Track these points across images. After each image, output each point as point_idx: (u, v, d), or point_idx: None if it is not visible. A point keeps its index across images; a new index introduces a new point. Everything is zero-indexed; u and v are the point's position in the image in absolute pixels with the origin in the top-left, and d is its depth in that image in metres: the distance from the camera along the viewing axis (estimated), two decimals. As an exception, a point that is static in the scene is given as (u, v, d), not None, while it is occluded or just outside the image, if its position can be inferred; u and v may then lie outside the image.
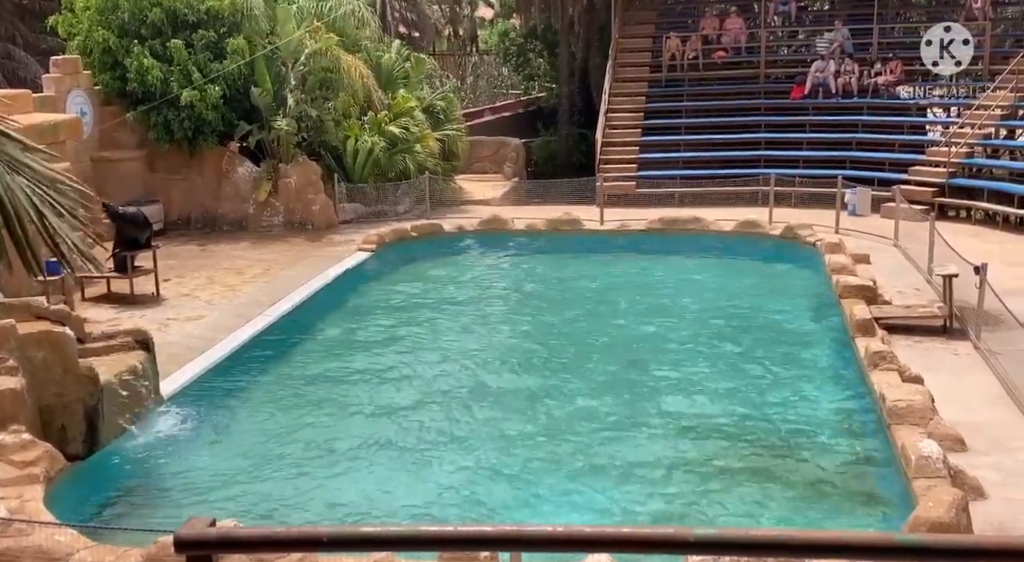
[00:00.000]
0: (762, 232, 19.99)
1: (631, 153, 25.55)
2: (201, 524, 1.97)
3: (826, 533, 1.82)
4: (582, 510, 9.28)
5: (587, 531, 1.86)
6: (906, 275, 16.79)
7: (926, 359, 12.51)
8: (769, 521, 8.91)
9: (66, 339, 10.36)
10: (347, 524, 2.06)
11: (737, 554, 1.80)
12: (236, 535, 1.95)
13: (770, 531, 1.85)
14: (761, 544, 1.79)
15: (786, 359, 13.51)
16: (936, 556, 1.71)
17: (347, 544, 1.91)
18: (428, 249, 20.17)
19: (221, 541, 1.93)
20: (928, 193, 21.67)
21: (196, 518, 1.97)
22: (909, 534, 1.77)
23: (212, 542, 1.93)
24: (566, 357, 13.95)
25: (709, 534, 1.79)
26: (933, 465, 8.90)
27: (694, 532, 1.79)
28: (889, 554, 1.74)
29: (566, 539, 1.87)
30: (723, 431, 11.05)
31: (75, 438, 10.17)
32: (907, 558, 1.72)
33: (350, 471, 10.26)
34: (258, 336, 14.50)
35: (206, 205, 22.02)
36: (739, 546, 1.80)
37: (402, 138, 23.19)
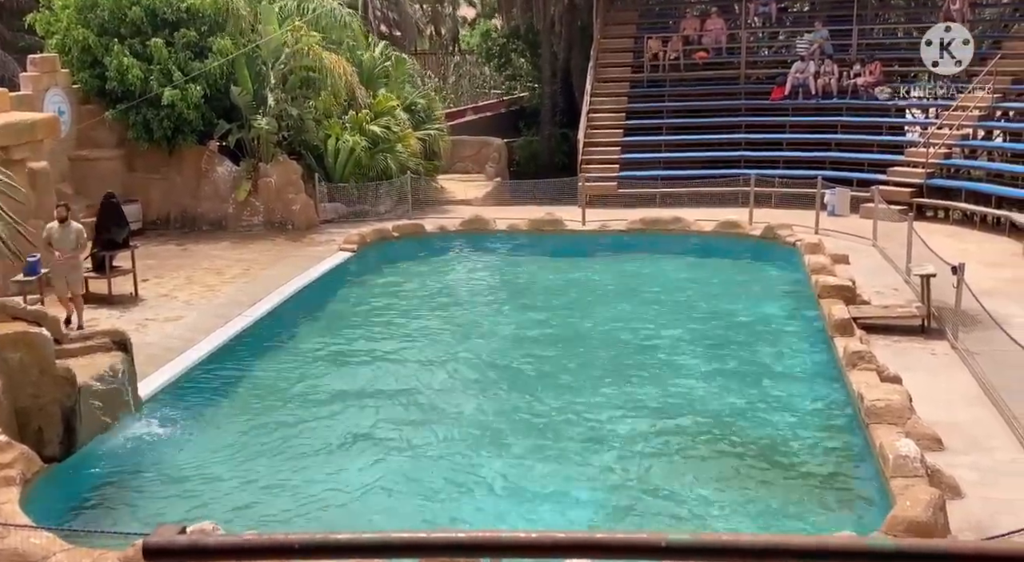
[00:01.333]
0: (742, 232, 20.07)
1: (613, 153, 25.59)
2: (170, 531, 1.95)
3: (800, 538, 1.82)
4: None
5: (559, 537, 1.85)
6: (884, 275, 16.90)
7: (904, 359, 12.59)
8: (746, 522, 8.94)
9: (43, 340, 10.27)
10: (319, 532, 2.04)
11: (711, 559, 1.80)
12: (205, 543, 1.93)
13: (743, 536, 1.85)
14: (735, 549, 1.78)
15: (765, 359, 13.56)
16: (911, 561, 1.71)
17: (319, 551, 1.89)
18: (410, 249, 20.13)
19: (190, 549, 1.91)
20: (906, 193, 21.82)
21: (165, 525, 1.95)
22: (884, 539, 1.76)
23: (180, 550, 1.91)
24: (547, 356, 13.94)
25: (682, 539, 1.79)
26: (911, 464, 8.96)
27: (667, 537, 1.78)
28: (864, 559, 1.75)
29: (539, 545, 1.86)
30: (700, 431, 11.07)
31: (52, 440, 10.09)
32: None
33: (330, 472, 10.22)
34: (237, 337, 14.42)
35: (185, 204, 21.89)
36: (712, 551, 1.79)
37: (384, 137, 23.14)
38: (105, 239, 16.11)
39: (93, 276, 16.07)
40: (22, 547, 7.68)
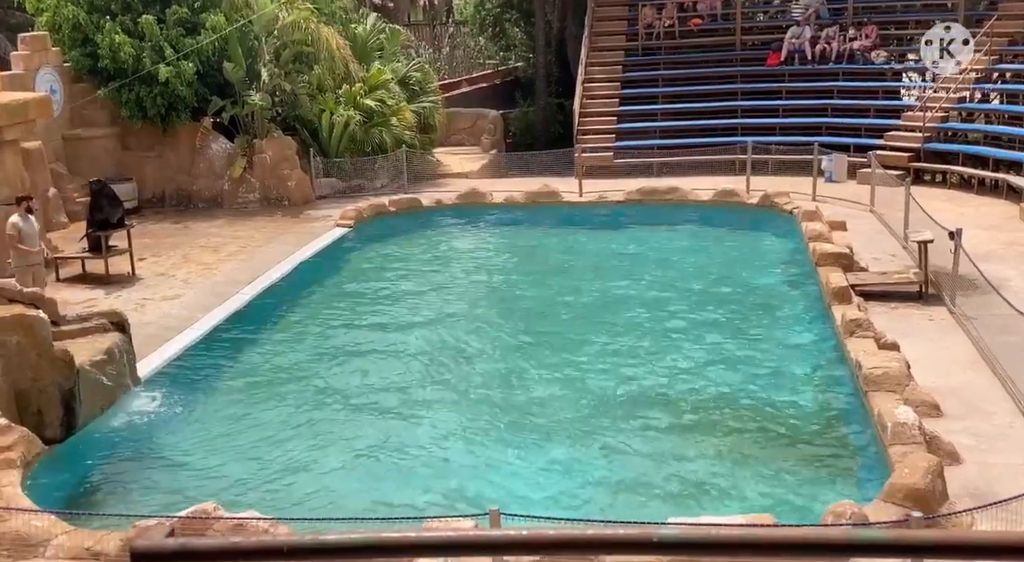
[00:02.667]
0: (739, 201, 20.01)
1: (609, 123, 25.46)
2: (158, 533, 1.94)
3: (790, 531, 1.81)
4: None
5: (551, 534, 1.85)
6: (882, 241, 16.88)
7: (902, 325, 12.60)
8: (743, 492, 8.98)
9: (40, 322, 10.27)
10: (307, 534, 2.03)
11: (702, 554, 1.80)
12: (194, 546, 1.92)
13: (734, 531, 1.85)
14: (726, 544, 1.78)
15: (762, 328, 13.57)
16: (899, 553, 1.71)
17: (307, 553, 1.89)
18: (407, 224, 20.08)
19: (178, 553, 1.91)
20: (904, 158, 21.74)
21: (153, 525, 1.94)
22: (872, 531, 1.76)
23: (169, 554, 1.90)
24: (544, 327, 13.95)
25: (672, 534, 1.78)
26: (909, 431, 8.98)
27: (657, 533, 1.78)
28: (852, 551, 1.74)
29: (530, 542, 1.85)
30: (696, 400, 11.10)
31: (52, 422, 10.11)
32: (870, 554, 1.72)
33: (330, 449, 10.25)
34: (236, 315, 14.42)
35: (180, 182, 21.80)
36: (703, 546, 1.79)
37: (378, 111, 23.00)
38: (99, 219, 16.06)
39: (89, 256, 16.05)
40: (24, 530, 7.72)
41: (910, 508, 7.52)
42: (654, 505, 8.78)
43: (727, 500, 8.78)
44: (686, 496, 8.98)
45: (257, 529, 7.46)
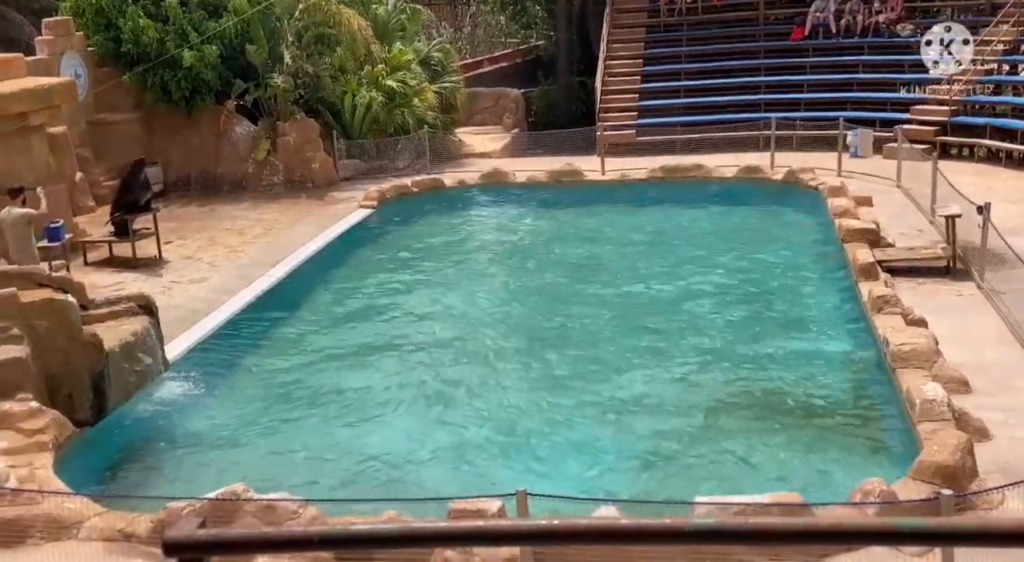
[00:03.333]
0: (764, 177, 19.85)
1: (631, 101, 25.29)
2: (190, 524, 1.95)
3: (825, 520, 1.79)
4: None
5: (583, 524, 1.84)
6: (909, 216, 16.70)
7: (930, 301, 12.48)
8: (772, 470, 8.96)
9: (69, 307, 10.35)
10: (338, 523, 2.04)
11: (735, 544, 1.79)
12: (226, 537, 1.93)
13: (768, 520, 1.83)
14: (759, 533, 1.76)
15: (788, 306, 13.49)
16: (937, 541, 1.68)
17: (339, 543, 1.89)
18: (429, 204, 20.08)
19: (211, 543, 1.92)
20: (930, 132, 21.46)
21: (185, 516, 1.96)
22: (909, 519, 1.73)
23: (201, 544, 1.91)
24: (570, 306, 13.93)
25: (706, 524, 1.77)
26: (937, 408, 8.92)
27: (691, 523, 1.76)
28: (889, 539, 1.72)
29: (562, 532, 1.85)
30: (723, 379, 11.07)
31: (82, 405, 10.21)
32: (906, 543, 1.70)
33: (361, 427, 10.31)
34: (262, 297, 14.50)
35: (205, 166, 21.88)
36: (736, 536, 1.78)
37: (400, 92, 22.94)
38: (127, 202, 16.16)
39: (115, 240, 16.17)
40: (57, 512, 7.83)
41: (939, 485, 7.47)
42: (679, 483, 8.77)
43: (753, 478, 8.76)
44: (712, 474, 8.98)
45: (286, 510, 7.52)
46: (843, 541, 1.79)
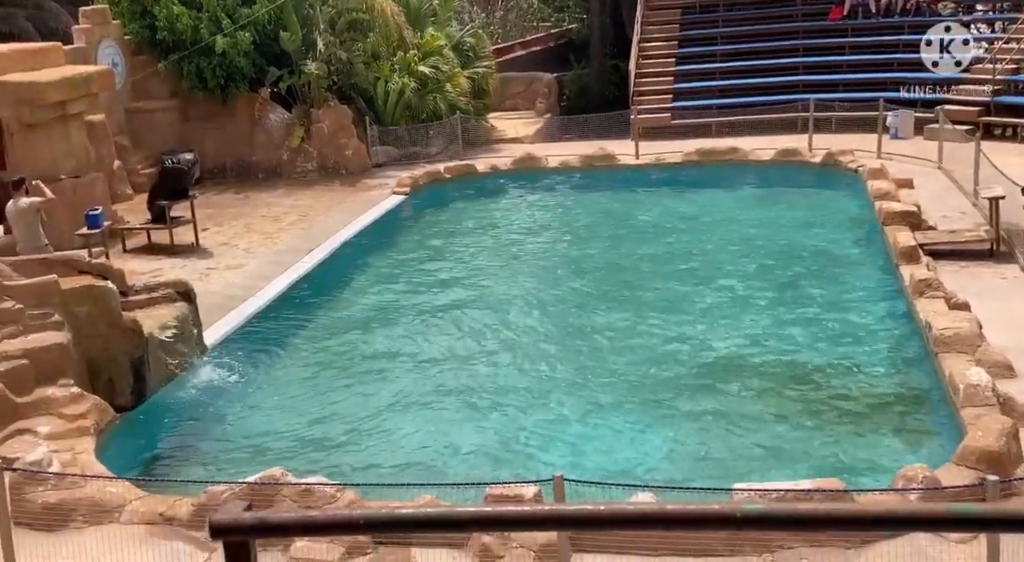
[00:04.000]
0: (802, 160, 19.62)
1: (666, 83, 25.07)
2: (236, 508, 1.95)
3: (875, 507, 1.75)
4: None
5: (629, 510, 1.81)
6: (951, 198, 16.44)
7: (973, 284, 12.29)
8: (814, 456, 8.87)
9: (109, 293, 10.48)
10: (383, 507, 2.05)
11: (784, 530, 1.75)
12: (272, 520, 1.92)
13: (817, 506, 1.79)
14: (808, 519, 1.73)
15: (828, 290, 13.33)
16: (990, 527, 1.63)
17: (383, 527, 1.88)
18: (462, 190, 20.06)
19: (256, 526, 1.91)
20: (973, 112, 21.07)
21: (231, 500, 1.95)
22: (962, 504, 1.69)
23: (247, 527, 1.91)
24: (607, 291, 13.87)
25: (755, 510, 1.73)
26: (982, 393, 8.78)
27: (741, 508, 1.73)
28: (942, 525, 1.67)
29: (608, 518, 1.82)
30: (763, 364, 10.97)
31: (123, 390, 10.34)
32: (960, 529, 1.65)
33: (398, 412, 10.34)
34: (298, 283, 14.58)
35: (240, 153, 22.01)
36: (785, 522, 1.74)
37: (432, 78, 22.91)
38: (169, 189, 16.30)
39: (154, 227, 16.33)
40: (99, 496, 7.93)
41: (984, 471, 7.35)
42: (721, 467, 8.72)
43: (795, 463, 8.68)
44: (753, 458, 8.91)
45: (324, 494, 7.56)
46: (894, 527, 1.74)
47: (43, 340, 9.68)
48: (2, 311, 9.80)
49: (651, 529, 1.87)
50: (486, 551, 7.10)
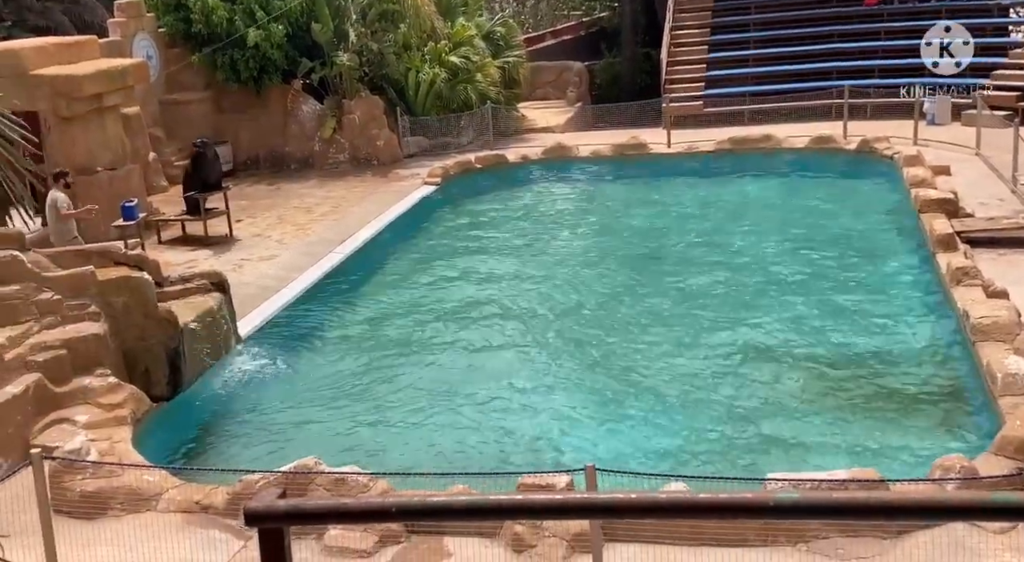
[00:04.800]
0: (836, 147, 19.41)
1: (698, 71, 24.90)
2: (270, 495, 1.96)
3: (915, 496, 1.73)
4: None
5: (661, 498, 1.80)
6: (989, 185, 16.19)
7: (1012, 272, 12.10)
8: (849, 444, 8.79)
9: (145, 284, 10.59)
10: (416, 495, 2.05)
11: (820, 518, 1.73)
12: (305, 507, 1.94)
13: (854, 494, 1.77)
14: (845, 508, 1.71)
15: (864, 278, 13.20)
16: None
17: (415, 514, 1.88)
18: (493, 180, 20.04)
19: (291, 513, 1.92)
20: (1012, 98, 20.74)
21: (265, 487, 1.96)
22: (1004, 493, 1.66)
23: (281, 515, 1.92)
24: (641, 279, 13.82)
25: (790, 499, 1.71)
26: (1020, 382, 8.67)
27: (775, 497, 1.71)
28: (982, 514, 1.65)
29: (640, 506, 1.81)
30: (798, 354, 10.89)
31: (159, 380, 10.45)
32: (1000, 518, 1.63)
33: (431, 401, 10.38)
34: (330, 274, 14.66)
35: (273, 144, 22.15)
36: (821, 510, 1.72)
37: (463, 68, 22.90)
38: (201, 178, 16.42)
39: (188, 218, 16.49)
40: (136, 484, 8.03)
41: (1022, 461, 7.26)
42: (755, 456, 8.67)
43: (831, 452, 8.62)
44: (789, 447, 8.85)
45: (357, 483, 7.61)
46: (933, 516, 1.72)
47: (81, 330, 9.81)
48: (40, 302, 9.94)
49: (683, 517, 1.86)
50: (518, 540, 7.11)
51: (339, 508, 1.93)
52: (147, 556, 7.16)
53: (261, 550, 2.19)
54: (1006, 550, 6.60)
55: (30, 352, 9.45)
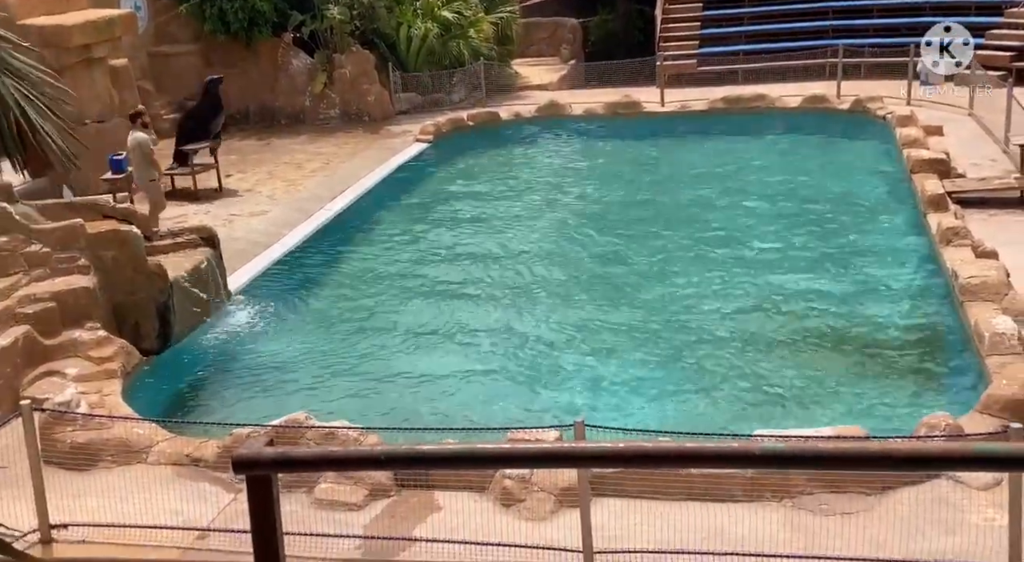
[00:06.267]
0: (830, 107, 19.34)
1: (692, 29, 24.68)
2: (258, 443, 1.97)
3: (901, 447, 1.74)
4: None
5: (649, 447, 1.81)
6: (981, 146, 16.17)
7: (1001, 233, 12.13)
8: (839, 403, 8.87)
9: (134, 238, 10.54)
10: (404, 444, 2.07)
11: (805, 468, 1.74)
12: (293, 455, 1.94)
13: (840, 445, 1.78)
14: (830, 457, 1.72)
15: (855, 239, 13.22)
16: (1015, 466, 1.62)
17: (404, 462, 1.89)
18: (485, 138, 19.92)
19: (278, 460, 1.93)
20: (1006, 58, 20.63)
21: (253, 435, 1.97)
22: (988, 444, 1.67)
23: (269, 462, 1.92)
24: (631, 240, 13.82)
25: (776, 448, 1.72)
26: (1007, 342, 8.72)
27: (760, 446, 1.72)
28: (967, 464, 1.66)
29: (629, 455, 1.82)
30: (789, 311, 10.93)
31: (149, 334, 10.45)
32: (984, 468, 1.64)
33: (420, 356, 10.41)
34: (321, 230, 14.61)
35: (263, 99, 21.92)
36: (806, 460, 1.73)
37: (455, 23, 22.65)
38: (204, 122, 16.33)
39: (176, 172, 16.37)
40: (126, 436, 8.06)
41: (1008, 420, 7.32)
42: (742, 414, 8.74)
43: (819, 410, 8.69)
44: (775, 404, 8.92)
45: (347, 438, 7.64)
46: (918, 467, 1.73)
47: (70, 283, 9.78)
48: (29, 254, 9.90)
49: (671, 467, 1.87)
50: (507, 494, 7.18)
51: (328, 456, 1.94)
52: (137, 507, 7.21)
53: (249, 498, 2.20)
54: (989, 506, 6.68)
55: (19, 304, 9.43)
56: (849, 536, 6.40)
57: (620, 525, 6.72)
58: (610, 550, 6.55)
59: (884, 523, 6.53)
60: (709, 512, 6.71)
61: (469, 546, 6.68)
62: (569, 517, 6.86)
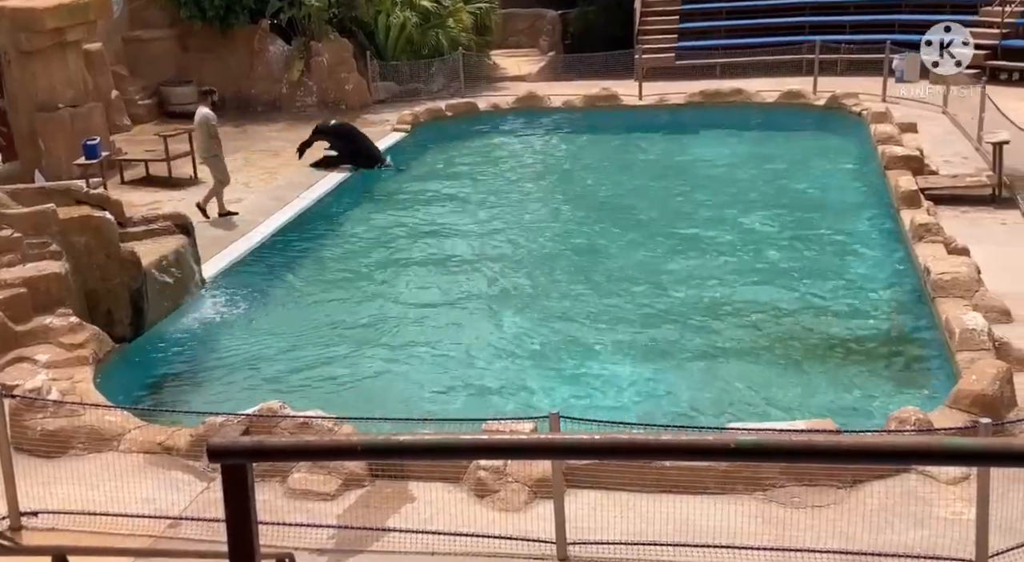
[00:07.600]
0: (806, 102, 19.44)
1: (671, 23, 24.72)
2: (233, 432, 1.95)
3: (873, 440, 1.76)
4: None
5: (623, 439, 1.82)
6: (954, 143, 16.34)
7: (973, 229, 12.27)
8: (810, 399, 8.93)
9: (107, 224, 10.44)
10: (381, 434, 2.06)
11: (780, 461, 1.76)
12: (269, 444, 1.93)
13: (815, 438, 1.80)
14: (804, 450, 1.74)
15: (828, 234, 13.31)
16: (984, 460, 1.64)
17: (381, 452, 1.89)
18: (463, 128, 19.88)
19: (254, 449, 1.92)
20: (980, 56, 20.80)
21: (228, 424, 1.96)
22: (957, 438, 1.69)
23: (244, 451, 1.92)
24: (604, 233, 13.85)
25: (750, 441, 1.74)
26: (977, 337, 8.81)
27: (736, 439, 1.73)
28: (936, 458, 1.68)
29: (605, 447, 1.83)
30: (760, 305, 11.00)
31: (121, 321, 10.36)
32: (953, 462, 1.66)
33: (395, 343, 10.39)
34: (297, 218, 14.54)
35: (239, 85, 21.75)
36: (781, 452, 1.75)
37: (434, 12, 22.58)
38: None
39: (151, 159, 16.22)
40: (97, 424, 7.99)
41: (977, 414, 7.41)
42: (713, 408, 8.79)
43: (790, 406, 8.75)
44: (747, 401, 8.97)
45: (322, 428, 7.62)
46: (889, 460, 1.75)
47: (41, 269, 9.68)
48: (0, 239, 9.78)
49: (646, 458, 1.88)
50: (481, 485, 7.19)
51: (303, 446, 1.93)
52: (109, 495, 7.15)
53: (224, 486, 2.19)
54: (957, 500, 6.77)
55: (-11, 290, 9.32)
56: (819, 529, 6.46)
57: (593, 516, 6.75)
58: (583, 541, 6.58)
59: (854, 516, 6.60)
60: (682, 504, 6.75)
61: (443, 537, 6.69)
62: (543, 508, 6.88)
